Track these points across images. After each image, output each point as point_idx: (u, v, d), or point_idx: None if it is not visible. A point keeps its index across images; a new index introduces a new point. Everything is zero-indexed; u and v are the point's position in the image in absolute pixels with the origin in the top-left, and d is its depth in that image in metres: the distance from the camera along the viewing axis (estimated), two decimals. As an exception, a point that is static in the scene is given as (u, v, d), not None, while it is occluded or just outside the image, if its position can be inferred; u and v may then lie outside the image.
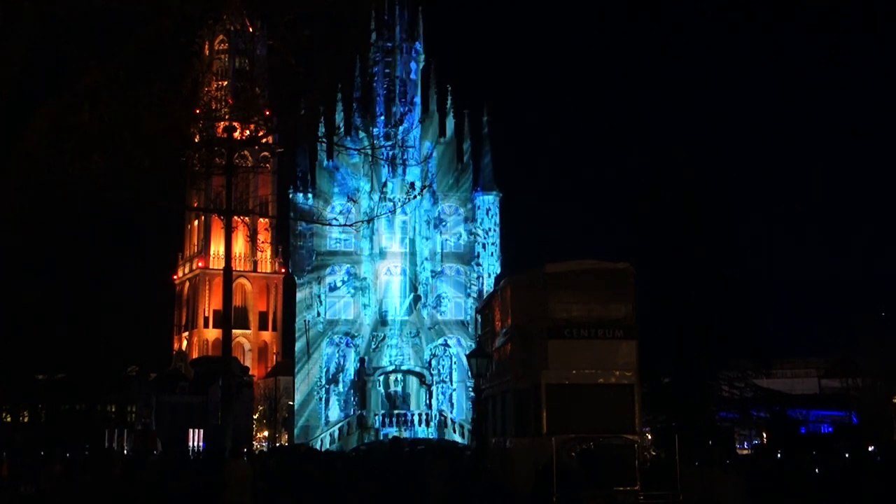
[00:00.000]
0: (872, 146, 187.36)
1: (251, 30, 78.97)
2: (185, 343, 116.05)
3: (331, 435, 66.00)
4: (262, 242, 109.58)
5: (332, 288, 69.30)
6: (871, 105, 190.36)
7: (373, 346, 68.40)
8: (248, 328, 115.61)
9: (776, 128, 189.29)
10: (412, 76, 72.67)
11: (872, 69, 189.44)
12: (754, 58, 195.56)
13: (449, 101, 71.86)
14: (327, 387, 68.60)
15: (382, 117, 70.63)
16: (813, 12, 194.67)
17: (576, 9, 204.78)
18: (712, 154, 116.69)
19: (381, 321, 68.97)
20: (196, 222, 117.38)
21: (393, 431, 62.60)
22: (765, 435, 58.46)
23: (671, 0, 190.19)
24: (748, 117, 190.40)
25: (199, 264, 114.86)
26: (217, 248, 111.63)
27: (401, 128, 70.40)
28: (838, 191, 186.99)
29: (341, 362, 69.03)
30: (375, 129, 69.78)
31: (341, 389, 68.68)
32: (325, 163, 70.13)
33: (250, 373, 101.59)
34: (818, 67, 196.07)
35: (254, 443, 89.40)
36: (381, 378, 69.03)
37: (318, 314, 68.78)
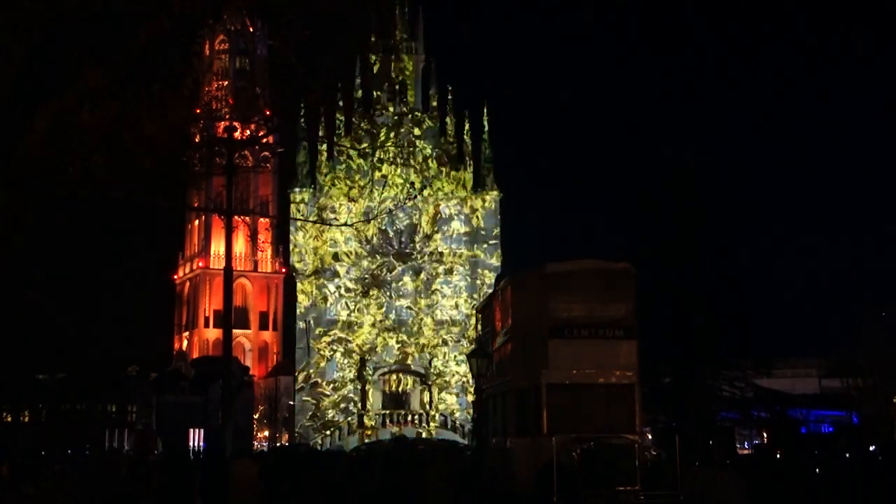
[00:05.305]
0: (873, 144, 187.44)
1: (251, 30, 79.06)
2: (185, 343, 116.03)
3: (331, 435, 66.04)
4: (263, 242, 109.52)
5: (333, 287, 69.34)
6: (871, 103, 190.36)
7: (373, 346, 68.45)
8: (248, 328, 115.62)
9: (776, 125, 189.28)
10: (412, 76, 72.75)
11: (871, 68, 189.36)
12: (753, 59, 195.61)
13: (449, 101, 71.94)
14: (328, 386, 68.61)
15: (383, 117, 70.72)
16: (816, 12, 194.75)
17: (577, 8, 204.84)
18: (712, 154, 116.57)
19: (382, 320, 69.01)
20: (196, 222, 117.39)
21: (393, 432, 62.62)
22: (765, 435, 58.48)
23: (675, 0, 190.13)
24: (748, 116, 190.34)
25: (200, 264, 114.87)
26: (217, 247, 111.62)
27: (401, 128, 70.53)
28: (838, 191, 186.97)
29: (342, 362, 69.05)
30: (376, 129, 69.88)
31: (341, 389, 68.69)
32: (326, 162, 70.16)
33: (251, 373, 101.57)
34: (815, 67, 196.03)
35: (254, 443, 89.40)
36: (382, 378, 69.09)
37: (319, 314, 68.82)
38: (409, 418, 67.46)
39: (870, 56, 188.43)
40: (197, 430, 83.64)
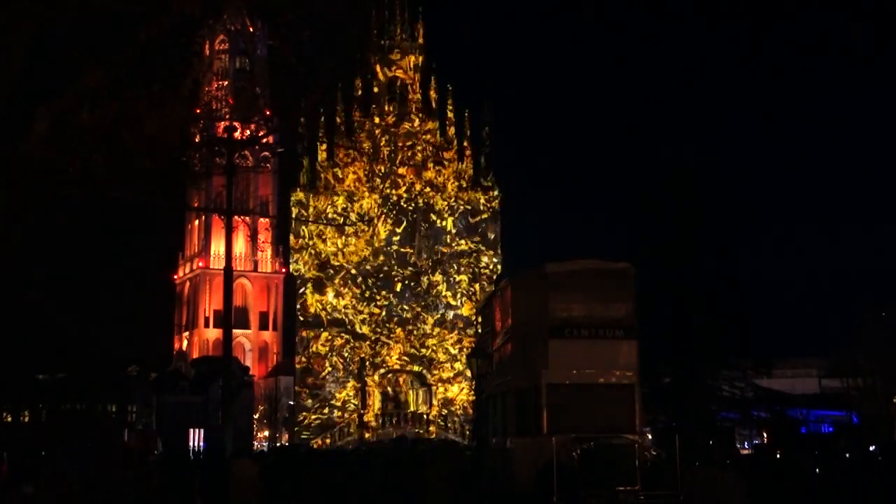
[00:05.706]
0: (873, 144, 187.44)
1: (251, 30, 79.10)
2: (185, 343, 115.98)
3: (331, 435, 66.03)
4: (263, 242, 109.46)
5: (333, 288, 69.36)
6: (871, 103, 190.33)
7: (374, 346, 68.45)
8: (248, 328, 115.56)
9: (776, 125, 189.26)
10: (412, 75, 72.75)
11: (871, 68, 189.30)
12: (753, 59, 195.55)
13: (449, 101, 71.94)
14: (328, 387, 68.62)
15: (383, 116, 70.72)
16: (816, 11, 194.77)
17: (577, 8, 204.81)
18: (712, 153, 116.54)
19: (382, 320, 69.01)
20: (196, 222, 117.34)
21: (389, 431, 62.68)
22: (765, 435, 58.47)
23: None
24: (748, 116, 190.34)
25: (200, 264, 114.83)
26: (217, 247, 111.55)
27: (401, 127, 70.54)
28: (838, 191, 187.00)
29: (342, 362, 69.07)
30: (376, 129, 69.88)
31: (342, 390, 68.71)
32: (326, 162, 70.16)
33: (251, 373, 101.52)
34: (815, 67, 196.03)
35: (254, 443, 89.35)
36: (382, 378, 69.07)
37: (319, 313, 68.81)
38: (409, 418, 67.43)
39: (870, 56, 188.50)
40: (197, 430, 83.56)
